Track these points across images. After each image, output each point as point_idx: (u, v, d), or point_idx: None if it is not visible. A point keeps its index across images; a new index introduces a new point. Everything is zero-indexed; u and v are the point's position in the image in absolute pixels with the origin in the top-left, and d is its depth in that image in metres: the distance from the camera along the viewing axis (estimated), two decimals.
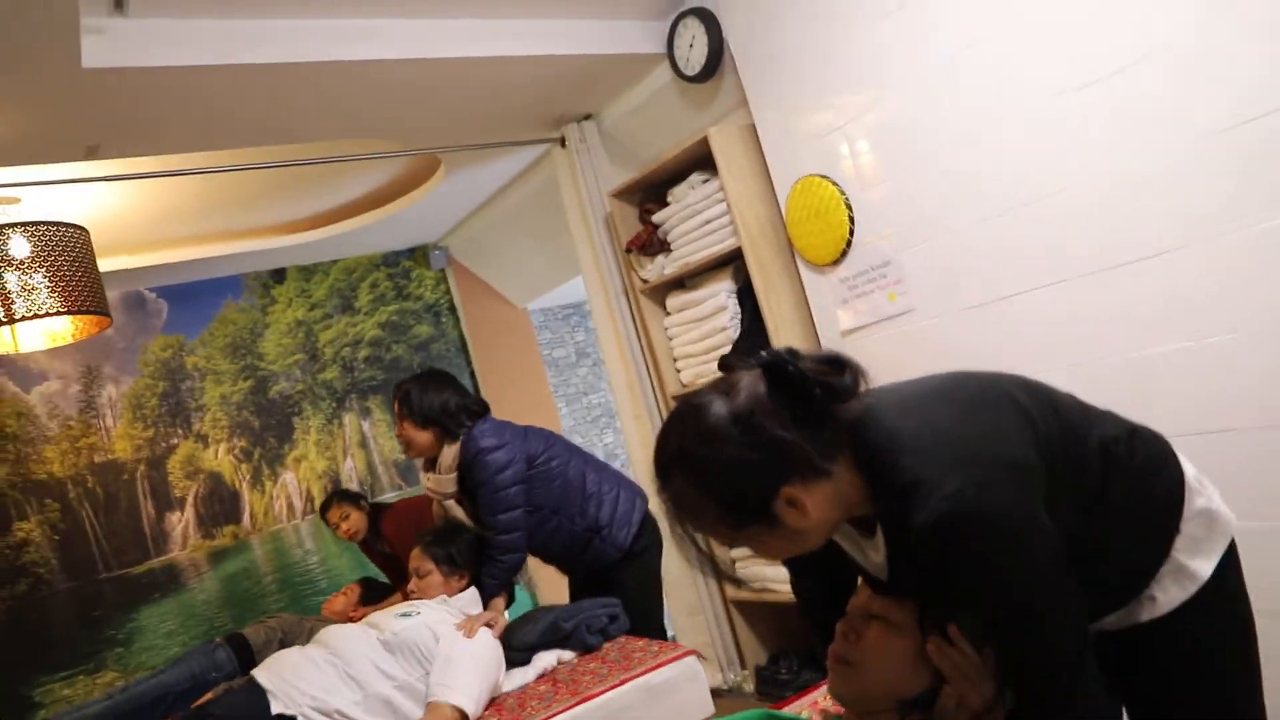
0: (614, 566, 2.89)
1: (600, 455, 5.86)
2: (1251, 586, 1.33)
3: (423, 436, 2.76)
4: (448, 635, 2.34)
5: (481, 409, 2.85)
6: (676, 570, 3.64)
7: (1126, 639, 1.27)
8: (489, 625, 2.46)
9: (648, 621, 2.86)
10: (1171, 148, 2.02)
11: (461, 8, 2.85)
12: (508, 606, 2.75)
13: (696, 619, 3.60)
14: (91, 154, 2.83)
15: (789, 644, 3.56)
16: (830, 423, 1.12)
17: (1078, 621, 1.13)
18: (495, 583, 2.65)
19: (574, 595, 3.05)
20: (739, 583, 3.45)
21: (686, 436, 1.14)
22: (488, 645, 2.37)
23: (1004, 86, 2.30)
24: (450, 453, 2.75)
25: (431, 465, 2.85)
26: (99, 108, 2.57)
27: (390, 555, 3.84)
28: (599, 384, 5.88)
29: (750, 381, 1.13)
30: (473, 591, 2.61)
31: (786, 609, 3.40)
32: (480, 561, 2.68)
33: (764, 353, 1.15)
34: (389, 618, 2.41)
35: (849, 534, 1.25)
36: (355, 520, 3.89)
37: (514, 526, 2.69)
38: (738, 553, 3.51)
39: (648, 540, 2.98)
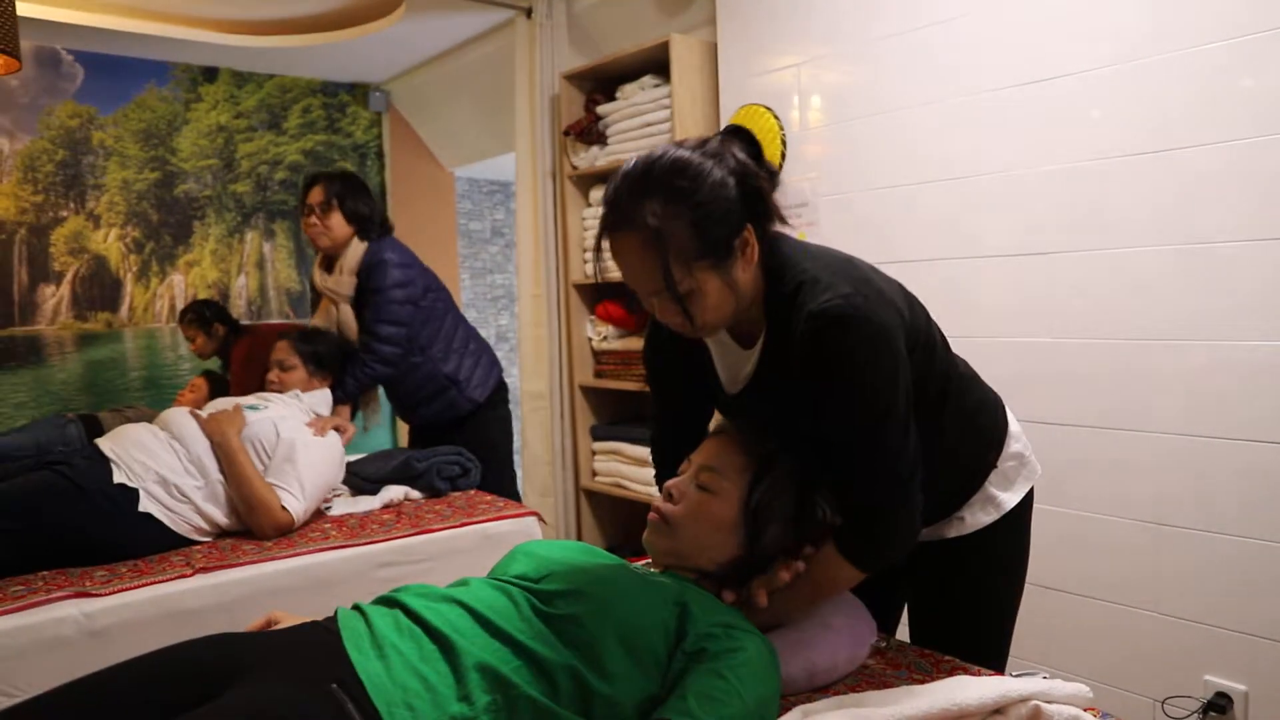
0: (464, 420, 3.01)
1: (493, 335, 5.91)
2: None
3: (343, 230, 2.81)
4: (289, 431, 2.32)
5: (390, 228, 2.93)
6: (537, 449, 3.77)
7: (932, 550, 1.47)
8: (338, 430, 2.51)
9: (498, 481, 2.97)
10: (1092, 160, 2.18)
11: None
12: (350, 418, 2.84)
13: (547, 500, 3.74)
14: None
15: (628, 542, 3.74)
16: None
17: (916, 446, 1.24)
18: (355, 384, 2.75)
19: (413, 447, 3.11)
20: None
21: (665, 167, 1.18)
22: (331, 447, 2.40)
23: (954, 70, 2.42)
24: (355, 256, 2.81)
25: (328, 267, 2.89)
26: None
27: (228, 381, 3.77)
28: (507, 265, 5.90)
29: (717, 140, 1.24)
30: (326, 394, 2.66)
31: (633, 506, 3.56)
32: (341, 368, 2.75)
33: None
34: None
35: (728, 346, 1.36)
36: (201, 344, 3.91)
37: (395, 341, 2.81)
38: (597, 446, 3.65)
39: (500, 407, 3.13)
